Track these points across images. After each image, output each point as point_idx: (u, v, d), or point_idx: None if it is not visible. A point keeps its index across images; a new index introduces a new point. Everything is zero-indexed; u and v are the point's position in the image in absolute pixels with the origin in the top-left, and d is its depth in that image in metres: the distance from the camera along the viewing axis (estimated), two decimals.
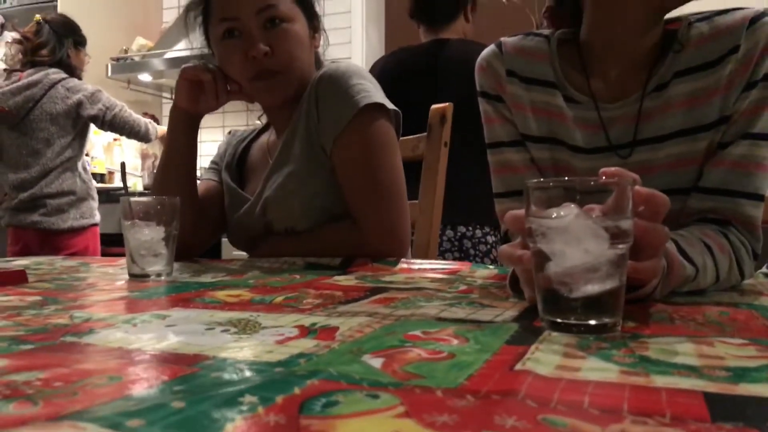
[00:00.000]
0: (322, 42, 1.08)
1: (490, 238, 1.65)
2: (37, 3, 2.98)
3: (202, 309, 0.53)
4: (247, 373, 0.32)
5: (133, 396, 0.28)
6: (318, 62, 1.08)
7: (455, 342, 0.39)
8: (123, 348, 0.38)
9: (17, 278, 0.71)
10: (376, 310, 0.51)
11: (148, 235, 0.78)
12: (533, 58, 0.79)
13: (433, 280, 0.72)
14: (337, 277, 0.76)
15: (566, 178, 0.44)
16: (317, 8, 1.05)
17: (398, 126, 1.04)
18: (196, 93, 1.00)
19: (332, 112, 0.95)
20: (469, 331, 0.42)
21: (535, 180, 0.45)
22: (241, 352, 0.37)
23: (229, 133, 1.25)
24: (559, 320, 0.43)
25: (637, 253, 0.45)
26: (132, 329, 0.44)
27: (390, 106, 0.99)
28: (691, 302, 0.54)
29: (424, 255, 1.19)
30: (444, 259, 1.62)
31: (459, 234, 1.62)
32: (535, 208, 0.44)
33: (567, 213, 0.42)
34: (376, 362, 0.34)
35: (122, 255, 1.28)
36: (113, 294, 0.64)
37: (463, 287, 0.65)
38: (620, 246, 0.42)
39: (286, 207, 0.97)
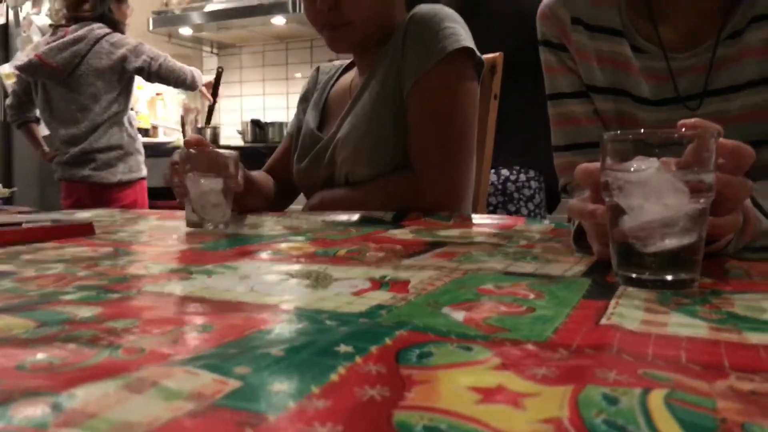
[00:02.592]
0: None
1: (534, 183, 1.64)
2: None
3: (269, 261, 0.54)
4: (334, 323, 0.33)
5: (230, 344, 0.29)
6: (412, 3, 1.04)
7: (531, 296, 0.39)
8: (205, 298, 0.40)
9: (86, 230, 0.73)
10: (441, 264, 0.52)
11: (207, 186, 0.79)
12: (599, 4, 0.76)
13: (490, 235, 0.72)
14: (392, 231, 0.76)
15: (642, 131, 0.43)
16: None
17: (480, 76, 1.02)
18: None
19: (418, 53, 0.93)
20: (543, 285, 0.42)
21: (612, 132, 0.44)
22: (322, 302, 0.38)
23: (317, 69, 1.24)
24: (634, 275, 0.42)
25: (715, 206, 0.44)
26: (208, 280, 0.45)
27: (478, 55, 0.97)
28: (766, 258, 0.53)
29: (473, 209, 1.18)
30: (488, 202, 1.62)
31: (503, 177, 1.61)
32: (611, 161, 0.43)
33: (647, 166, 0.41)
34: (458, 315, 0.34)
35: (170, 208, 1.31)
36: (179, 246, 0.66)
37: (523, 242, 0.65)
38: (701, 200, 0.41)
39: (355, 148, 0.97)
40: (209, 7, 2.99)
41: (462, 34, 0.94)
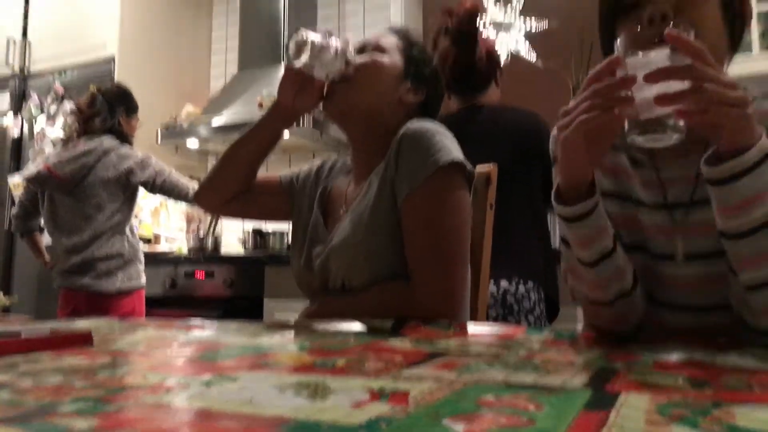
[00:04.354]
0: (413, 99, 1.12)
1: (534, 295, 1.63)
2: (95, 74, 3.16)
3: (268, 372, 0.54)
4: None
5: None
6: (410, 118, 1.09)
7: (532, 407, 0.39)
8: (205, 409, 0.39)
9: (84, 340, 0.73)
10: (441, 375, 0.51)
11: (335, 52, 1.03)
12: None
13: (490, 344, 0.72)
14: (391, 341, 0.76)
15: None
16: (425, 71, 1.13)
17: (471, 187, 1.05)
18: (295, 90, 1.08)
19: (411, 166, 0.98)
20: (543, 397, 0.42)
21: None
22: (320, 414, 0.37)
23: (335, 161, 1.27)
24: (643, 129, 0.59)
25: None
26: (207, 391, 0.45)
27: (469, 167, 1.01)
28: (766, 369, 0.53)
29: (472, 317, 1.18)
30: (487, 314, 1.60)
31: (502, 289, 1.60)
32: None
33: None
34: (458, 427, 0.34)
35: (167, 317, 1.29)
36: (178, 356, 0.66)
37: (523, 352, 0.65)
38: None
39: (351, 256, 0.99)
40: (216, 122, 3.13)
41: (452, 148, 0.99)
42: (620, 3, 0.76)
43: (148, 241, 3.06)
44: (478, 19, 1.82)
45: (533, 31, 2.92)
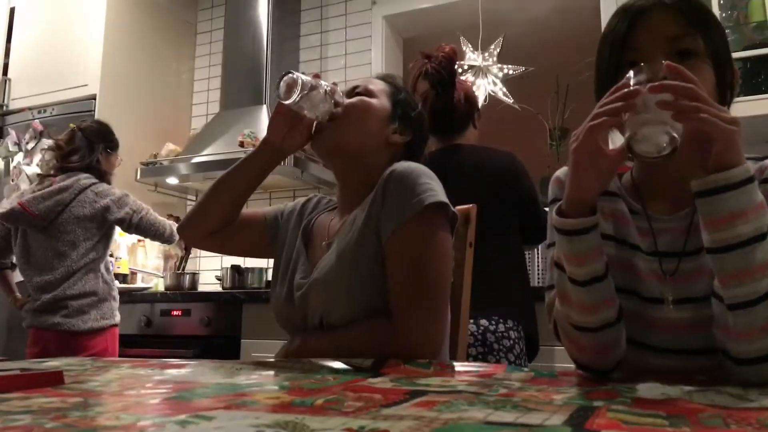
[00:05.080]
0: (400, 140, 1.14)
1: (513, 333, 1.63)
2: (76, 112, 3.15)
3: (245, 411, 0.53)
4: None
5: None
6: (395, 159, 1.11)
7: None
8: None
9: (54, 379, 0.71)
10: (421, 414, 0.51)
11: (324, 96, 1.05)
12: None
13: (471, 383, 0.72)
14: (371, 380, 0.75)
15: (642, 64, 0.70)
16: (411, 114, 1.16)
17: (453, 229, 1.07)
18: (285, 129, 1.09)
19: (397, 203, 0.99)
20: None
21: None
22: None
23: (320, 199, 1.28)
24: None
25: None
26: (182, 431, 0.44)
27: (452, 209, 1.03)
28: (743, 407, 0.53)
29: (453, 355, 1.17)
30: (467, 353, 1.59)
31: (482, 328, 1.60)
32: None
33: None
34: None
35: (142, 356, 1.26)
36: (152, 395, 0.64)
37: (503, 390, 0.65)
38: None
39: (332, 291, 0.99)
40: (197, 159, 3.12)
41: (437, 190, 1.00)
42: (617, 61, 0.81)
43: (123, 277, 3.01)
44: (456, 63, 1.86)
45: (511, 73, 2.99)
